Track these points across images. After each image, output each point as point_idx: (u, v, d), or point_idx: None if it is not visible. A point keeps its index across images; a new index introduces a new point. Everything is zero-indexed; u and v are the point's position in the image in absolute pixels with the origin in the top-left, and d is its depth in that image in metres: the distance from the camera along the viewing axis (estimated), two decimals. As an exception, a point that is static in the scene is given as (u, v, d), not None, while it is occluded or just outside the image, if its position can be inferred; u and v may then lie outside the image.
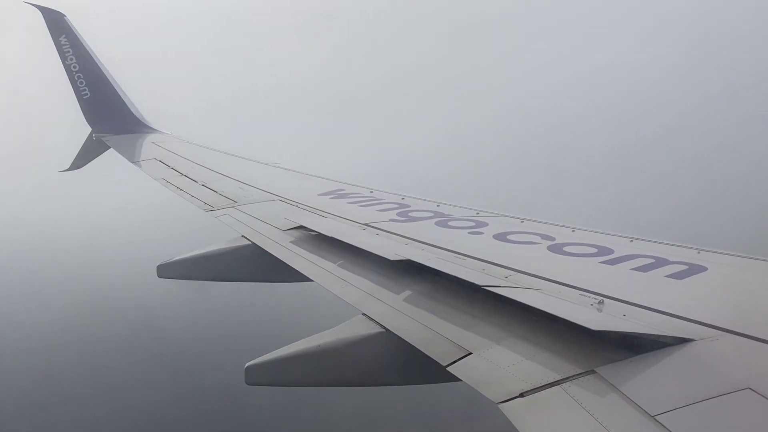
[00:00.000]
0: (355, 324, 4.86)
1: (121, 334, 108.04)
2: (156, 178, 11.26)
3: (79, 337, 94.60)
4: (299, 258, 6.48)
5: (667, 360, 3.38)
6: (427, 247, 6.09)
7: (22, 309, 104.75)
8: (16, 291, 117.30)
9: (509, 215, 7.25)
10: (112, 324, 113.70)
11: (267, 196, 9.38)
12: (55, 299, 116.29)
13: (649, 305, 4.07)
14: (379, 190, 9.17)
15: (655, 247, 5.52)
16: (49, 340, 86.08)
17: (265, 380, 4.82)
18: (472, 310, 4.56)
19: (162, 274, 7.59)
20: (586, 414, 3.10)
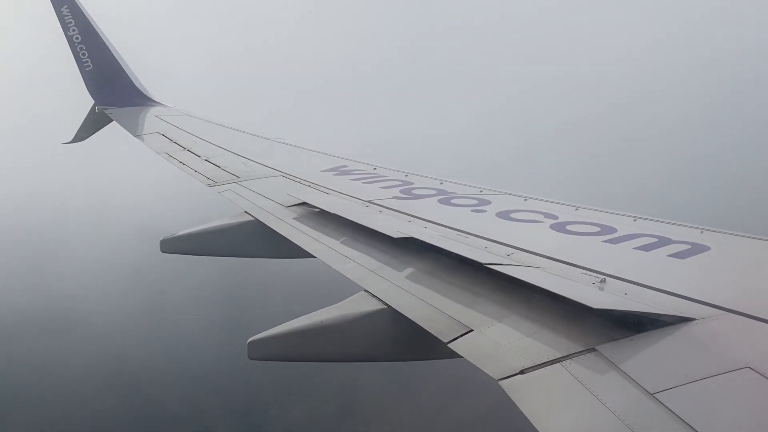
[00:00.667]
0: (357, 300, 4.88)
1: (124, 308, 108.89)
2: (159, 152, 11.23)
3: (82, 310, 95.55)
4: (302, 234, 6.49)
5: (667, 339, 3.40)
6: (429, 224, 6.09)
7: (23, 285, 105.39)
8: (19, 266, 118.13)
9: (512, 193, 7.24)
10: (115, 298, 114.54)
11: (270, 171, 9.37)
12: (57, 273, 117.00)
13: (650, 284, 4.08)
14: (382, 167, 9.15)
15: (659, 227, 5.51)
16: (52, 315, 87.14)
17: (267, 355, 4.85)
18: (474, 287, 4.58)
19: (165, 248, 7.61)
20: (586, 391, 3.12)
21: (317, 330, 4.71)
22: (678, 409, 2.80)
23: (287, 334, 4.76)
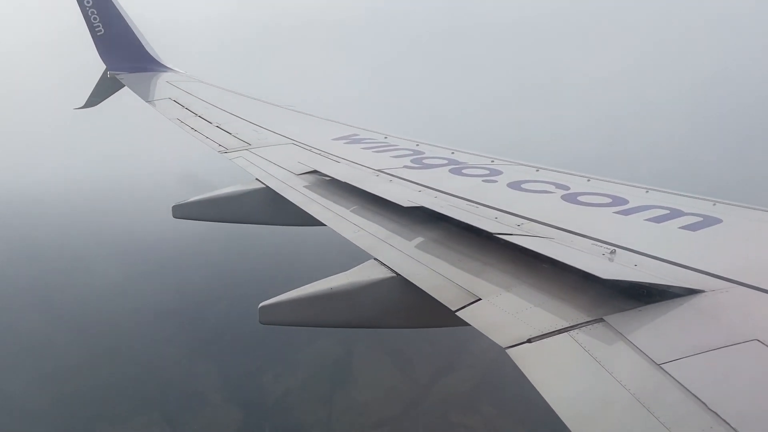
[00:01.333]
0: (367, 268, 4.91)
1: (137, 274, 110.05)
2: (170, 118, 11.23)
3: (95, 277, 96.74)
4: (312, 202, 6.51)
5: (676, 310, 3.40)
6: (440, 194, 6.08)
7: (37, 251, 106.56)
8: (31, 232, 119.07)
9: (524, 164, 7.20)
10: (128, 264, 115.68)
11: (281, 139, 9.36)
12: (69, 239, 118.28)
13: (661, 256, 4.07)
14: (393, 136, 9.11)
15: (671, 199, 5.47)
16: (65, 280, 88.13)
17: (278, 320, 4.92)
18: (483, 257, 4.59)
19: (177, 214, 7.67)
20: (593, 360, 3.14)
21: (327, 296, 4.75)
22: (684, 379, 2.81)
23: (298, 299, 4.81)
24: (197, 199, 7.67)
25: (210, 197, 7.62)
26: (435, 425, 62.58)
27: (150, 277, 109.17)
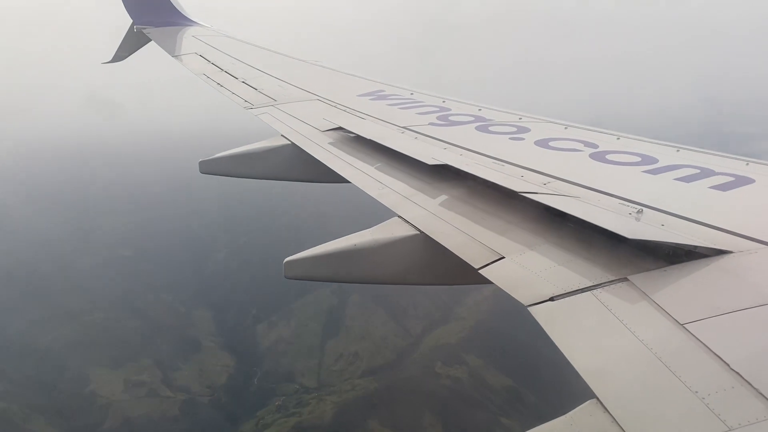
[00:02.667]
0: (390, 226, 4.92)
1: (163, 229, 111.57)
2: (196, 73, 11.22)
3: (118, 229, 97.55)
4: (337, 159, 6.50)
5: (702, 271, 3.37)
6: (465, 152, 6.03)
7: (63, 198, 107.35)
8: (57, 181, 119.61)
9: (553, 121, 7.07)
10: (154, 219, 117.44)
11: (306, 95, 9.31)
12: (94, 192, 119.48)
13: (689, 216, 4.01)
14: (419, 92, 9.00)
15: (702, 158, 5.35)
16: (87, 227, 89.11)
17: (303, 275, 4.99)
18: (508, 215, 4.57)
19: (204, 169, 7.75)
20: (615, 319, 3.14)
21: (351, 253, 4.79)
22: (708, 340, 2.80)
23: (322, 255, 4.86)
24: (223, 155, 7.72)
25: (235, 153, 7.66)
26: (420, 375, 63.58)
27: (174, 232, 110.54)
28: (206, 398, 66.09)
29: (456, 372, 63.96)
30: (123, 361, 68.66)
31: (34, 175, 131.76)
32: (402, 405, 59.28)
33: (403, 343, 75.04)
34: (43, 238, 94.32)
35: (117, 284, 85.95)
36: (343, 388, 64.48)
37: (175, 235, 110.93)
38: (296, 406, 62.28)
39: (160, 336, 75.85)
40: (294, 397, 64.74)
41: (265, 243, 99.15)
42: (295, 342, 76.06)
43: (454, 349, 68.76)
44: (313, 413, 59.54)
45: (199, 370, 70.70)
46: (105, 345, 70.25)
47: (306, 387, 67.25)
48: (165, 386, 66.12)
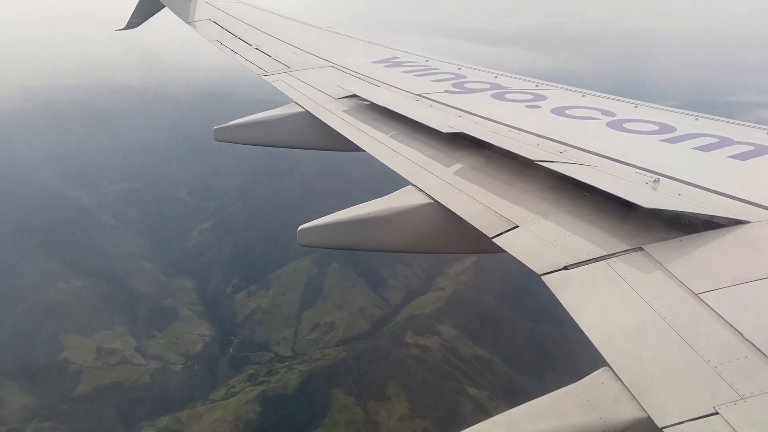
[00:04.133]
0: (404, 194, 4.92)
1: (150, 197, 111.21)
2: (210, 39, 11.16)
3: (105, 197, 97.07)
4: (351, 127, 6.47)
5: (718, 240, 3.34)
6: (481, 120, 5.97)
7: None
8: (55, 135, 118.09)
9: (570, 88, 6.97)
10: (142, 188, 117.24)
11: (320, 62, 9.23)
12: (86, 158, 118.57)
13: (706, 185, 3.96)
14: (434, 59, 8.89)
15: (721, 126, 5.26)
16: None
17: (316, 242, 5.02)
18: (523, 184, 4.54)
19: (218, 137, 7.75)
20: (629, 288, 3.13)
21: (364, 221, 4.80)
22: (722, 309, 2.79)
23: (336, 223, 4.88)
24: (237, 122, 7.71)
25: (249, 121, 7.65)
26: (389, 345, 63.62)
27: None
28: (179, 366, 66.50)
29: (427, 342, 63.96)
30: (97, 328, 68.98)
31: (30, 133, 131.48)
32: (368, 374, 59.55)
33: (380, 313, 75.13)
34: (23, 202, 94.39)
35: (97, 252, 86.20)
36: (313, 357, 64.83)
37: (163, 204, 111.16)
38: (266, 374, 62.82)
39: (138, 304, 76.14)
40: (266, 366, 65.22)
41: (252, 211, 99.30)
42: (272, 311, 76.24)
43: (428, 319, 68.64)
44: (279, 382, 60.00)
45: (174, 338, 71.18)
46: (80, 313, 70.37)
47: (280, 356, 67.70)
48: (138, 354, 66.84)
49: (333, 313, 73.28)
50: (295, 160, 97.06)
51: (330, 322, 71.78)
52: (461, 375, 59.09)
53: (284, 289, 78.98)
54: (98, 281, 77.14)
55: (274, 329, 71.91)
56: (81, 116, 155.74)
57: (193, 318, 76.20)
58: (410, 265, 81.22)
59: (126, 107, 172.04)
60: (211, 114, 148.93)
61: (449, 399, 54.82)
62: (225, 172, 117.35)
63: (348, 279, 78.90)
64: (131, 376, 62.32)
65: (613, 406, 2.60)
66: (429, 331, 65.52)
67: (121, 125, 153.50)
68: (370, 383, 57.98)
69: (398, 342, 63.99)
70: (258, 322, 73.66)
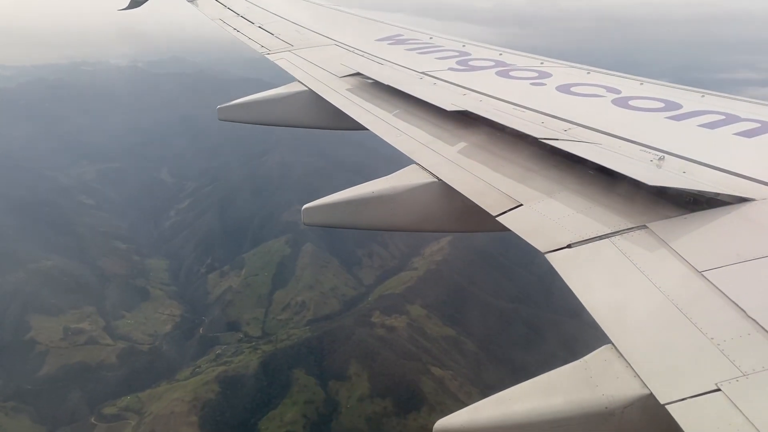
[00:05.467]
0: (408, 173, 4.91)
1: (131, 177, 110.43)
2: (212, 18, 11.07)
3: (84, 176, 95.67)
4: (354, 106, 6.44)
5: (722, 218, 3.33)
6: (485, 97, 5.94)
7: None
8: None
9: (575, 65, 6.92)
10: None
11: (323, 40, 9.17)
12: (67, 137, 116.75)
13: (711, 163, 3.94)
14: (439, 36, 8.82)
15: (728, 103, 5.22)
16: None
17: (321, 221, 5.03)
18: (527, 162, 4.53)
19: (222, 116, 7.73)
20: (632, 266, 3.14)
21: (368, 200, 4.80)
22: (725, 287, 2.80)
23: (339, 203, 4.88)
24: (241, 101, 7.68)
25: (253, 100, 7.62)
26: (353, 325, 63.39)
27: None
28: (146, 346, 66.32)
29: (393, 322, 63.79)
30: (65, 308, 68.66)
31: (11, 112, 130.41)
32: (330, 355, 59.37)
33: (353, 293, 74.86)
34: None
35: (71, 232, 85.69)
36: (279, 338, 64.68)
37: (143, 184, 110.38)
38: (233, 354, 62.76)
39: (108, 284, 75.72)
40: (234, 346, 65.14)
41: (229, 191, 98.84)
42: (243, 291, 76.01)
43: (397, 299, 68.34)
44: (242, 362, 59.85)
45: (144, 318, 71.06)
46: (49, 293, 69.95)
47: (250, 336, 67.62)
48: (106, 334, 66.74)
49: (304, 293, 72.98)
50: (275, 139, 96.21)
51: (301, 302, 71.57)
52: (426, 355, 59.10)
53: (257, 269, 78.77)
54: (70, 261, 76.75)
55: (245, 309, 71.74)
56: (65, 95, 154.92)
57: (164, 298, 76.07)
58: (386, 245, 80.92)
59: (112, 86, 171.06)
60: (198, 94, 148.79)
61: (410, 379, 55.11)
62: (207, 151, 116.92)
63: (321, 259, 78.54)
64: (98, 356, 62.73)
65: (616, 383, 2.62)
66: (397, 311, 65.39)
67: (106, 104, 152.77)
68: (331, 363, 58.12)
69: (364, 322, 63.78)
70: (228, 303, 73.51)
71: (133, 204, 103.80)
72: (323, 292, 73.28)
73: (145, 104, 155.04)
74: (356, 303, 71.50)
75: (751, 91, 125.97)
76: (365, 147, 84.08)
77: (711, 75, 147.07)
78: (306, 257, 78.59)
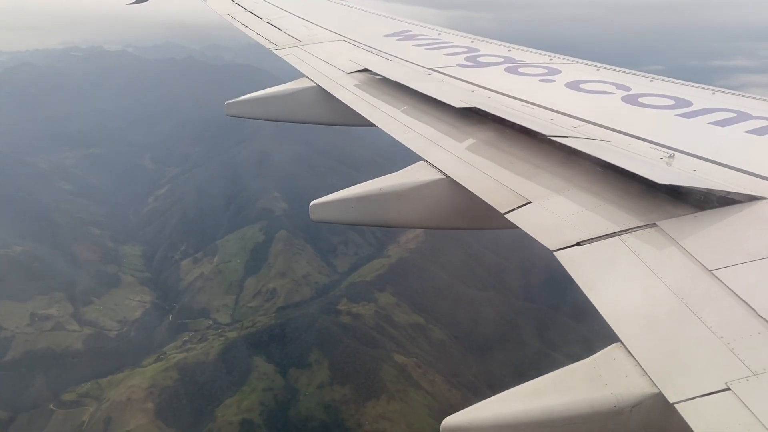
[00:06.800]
0: (416, 170, 4.90)
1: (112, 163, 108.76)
2: (221, 13, 11.08)
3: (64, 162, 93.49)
4: (362, 102, 6.43)
5: (733, 217, 3.31)
6: (494, 94, 5.92)
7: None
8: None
9: (585, 62, 6.88)
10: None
11: (332, 35, 9.16)
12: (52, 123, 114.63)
13: (722, 161, 3.91)
14: (447, 32, 8.79)
15: (739, 101, 5.18)
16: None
17: (328, 217, 5.03)
18: (536, 160, 4.51)
19: (230, 112, 7.73)
20: (642, 264, 3.12)
21: (376, 197, 4.80)
22: (736, 286, 2.78)
23: (347, 199, 4.88)
24: (249, 97, 7.67)
25: (260, 96, 7.62)
26: (318, 312, 62.81)
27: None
28: (114, 333, 65.77)
29: (360, 309, 63.30)
30: (33, 294, 68.16)
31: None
32: (293, 342, 58.99)
33: (326, 281, 74.18)
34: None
35: (45, 218, 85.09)
36: (245, 325, 64.23)
37: (124, 170, 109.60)
38: (199, 341, 62.38)
39: (79, 270, 75.05)
40: (201, 333, 64.73)
41: (208, 177, 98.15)
42: (214, 278, 75.48)
43: (367, 287, 67.73)
44: (203, 349, 59.42)
45: (113, 304, 70.52)
46: (17, 279, 69.39)
47: (219, 323, 67.29)
48: (74, 320, 66.27)
49: (276, 280, 72.44)
50: (258, 125, 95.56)
51: (272, 289, 71.08)
52: (391, 342, 58.85)
53: (229, 256, 78.37)
54: (41, 247, 76.37)
55: (216, 296, 71.43)
56: (51, 81, 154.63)
57: (136, 285, 75.62)
58: (362, 232, 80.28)
59: (101, 72, 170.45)
60: (186, 79, 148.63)
61: (371, 366, 54.87)
62: (190, 138, 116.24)
63: (295, 246, 77.91)
64: (63, 342, 62.51)
65: (625, 381, 2.61)
66: (365, 299, 64.97)
67: (93, 90, 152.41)
68: (293, 351, 57.95)
69: (330, 310, 63.36)
70: (199, 289, 73.13)
71: (113, 190, 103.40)
72: (295, 280, 72.90)
73: (132, 90, 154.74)
74: (329, 290, 71.17)
75: (741, 78, 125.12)
76: (347, 135, 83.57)
77: (706, 62, 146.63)
78: (280, 244, 78.08)
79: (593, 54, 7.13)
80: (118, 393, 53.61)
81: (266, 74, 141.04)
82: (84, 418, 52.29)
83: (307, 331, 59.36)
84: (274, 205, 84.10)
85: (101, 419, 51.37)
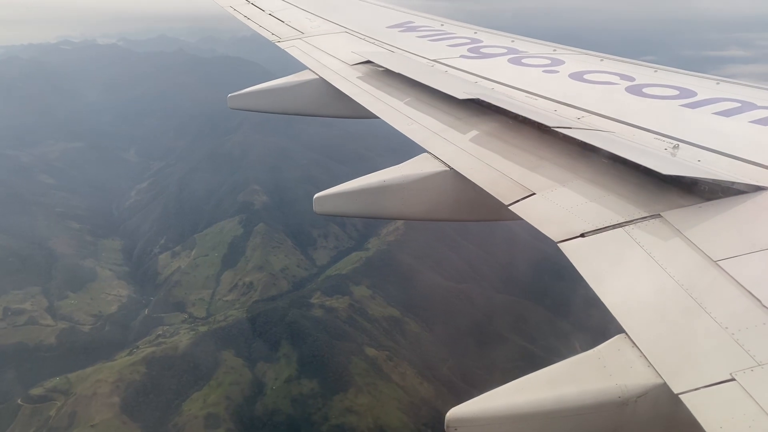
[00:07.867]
0: (419, 162, 4.90)
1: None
2: (223, 5, 11.05)
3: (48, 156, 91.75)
4: (365, 94, 6.42)
5: (738, 207, 3.30)
6: (497, 85, 5.90)
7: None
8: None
9: (589, 53, 6.85)
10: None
11: (334, 27, 9.13)
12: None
13: (726, 151, 3.90)
14: (450, 23, 8.76)
15: (743, 91, 5.16)
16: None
17: (332, 210, 5.03)
18: (540, 151, 4.50)
19: (233, 105, 7.73)
20: (646, 255, 3.12)
21: (380, 189, 4.79)
22: (741, 276, 2.78)
23: (351, 191, 4.87)
24: (252, 90, 7.66)
25: (264, 88, 7.60)
26: (289, 306, 62.17)
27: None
28: (88, 327, 65.23)
29: (334, 303, 62.86)
30: (7, 289, 67.54)
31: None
32: (262, 336, 58.46)
33: (304, 274, 73.60)
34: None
35: (24, 212, 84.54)
36: (217, 319, 63.89)
37: (108, 164, 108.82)
38: (172, 335, 62.05)
39: (56, 264, 74.47)
40: (175, 327, 64.31)
41: (189, 171, 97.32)
42: (191, 272, 74.87)
43: (342, 280, 67.18)
44: (172, 344, 59.02)
45: (89, 299, 70.00)
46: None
47: (194, 317, 66.87)
48: (48, 314, 65.59)
49: (253, 273, 71.99)
50: (243, 117, 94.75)
51: (249, 283, 70.67)
52: (363, 335, 58.40)
53: (207, 250, 77.96)
54: (17, 241, 75.90)
55: (192, 290, 71.01)
56: (39, 74, 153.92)
57: (113, 279, 75.20)
58: (343, 225, 79.61)
59: (89, 65, 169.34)
60: (173, 72, 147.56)
61: (341, 360, 54.57)
62: (175, 131, 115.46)
63: (274, 239, 77.38)
64: (36, 337, 61.73)
65: (630, 372, 2.62)
66: (339, 292, 64.52)
67: (80, 83, 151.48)
68: (262, 344, 57.55)
69: (302, 303, 62.98)
70: (176, 283, 72.72)
71: (95, 184, 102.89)
72: (273, 273, 72.37)
73: (120, 83, 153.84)
74: (306, 283, 70.62)
75: (733, 68, 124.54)
76: (332, 127, 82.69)
77: (701, 52, 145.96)
78: (258, 237, 77.51)
79: (585, 44, 7.11)
80: (84, 388, 53.20)
81: (257, 67, 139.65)
82: (51, 413, 51.87)
83: (278, 325, 59.14)
84: (255, 198, 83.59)
85: (66, 414, 50.87)
